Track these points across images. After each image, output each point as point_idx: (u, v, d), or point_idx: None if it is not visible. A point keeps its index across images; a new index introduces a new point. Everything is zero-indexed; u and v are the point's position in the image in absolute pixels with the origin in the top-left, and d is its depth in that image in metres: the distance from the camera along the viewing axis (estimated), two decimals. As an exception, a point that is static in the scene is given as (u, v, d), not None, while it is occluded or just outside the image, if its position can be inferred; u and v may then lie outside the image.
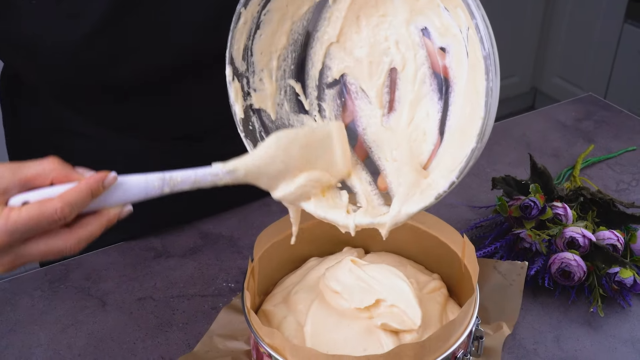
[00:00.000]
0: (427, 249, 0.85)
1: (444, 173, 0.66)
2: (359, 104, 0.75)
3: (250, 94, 0.71)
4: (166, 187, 0.61)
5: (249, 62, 0.70)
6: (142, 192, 0.60)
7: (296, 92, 0.74)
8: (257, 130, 0.72)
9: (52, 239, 0.56)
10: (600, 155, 1.15)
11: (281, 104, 0.73)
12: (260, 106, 0.72)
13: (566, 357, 0.79)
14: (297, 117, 0.75)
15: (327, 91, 0.75)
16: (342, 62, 0.74)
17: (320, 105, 0.75)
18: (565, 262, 0.84)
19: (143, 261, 0.95)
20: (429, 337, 0.65)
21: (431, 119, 0.71)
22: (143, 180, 0.60)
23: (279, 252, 0.84)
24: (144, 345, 0.81)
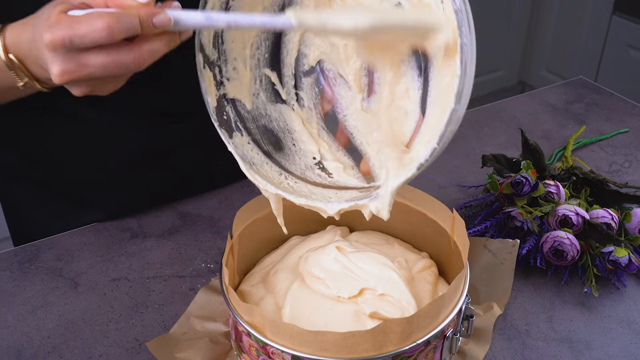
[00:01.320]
0: (415, 226, 0.81)
1: (424, 143, 0.62)
2: (337, 91, 0.71)
3: (224, 83, 0.66)
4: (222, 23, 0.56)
5: (220, 50, 0.66)
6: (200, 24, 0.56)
7: (272, 81, 0.70)
8: (232, 120, 0.67)
9: (113, 51, 0.55)
10: (592, 137, 1.12)
11: (257, 93, 0.70)
12: (234, 96, 0.68)
13: (560, 338, 0.76)
14: (275, 107, 0.71)
15: (304, 79, 0.71)
16: (317, 49, 0.70)
17: (298, 94, 0.71)
18: (558, 241, 0.81)
19: (118, 242, 0.90)
20: (416, 314, 0.61)
21: (412, 98, 0.68)
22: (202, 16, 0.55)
23: (260, 230, 0.80)
24: (118, 327, 0.77)
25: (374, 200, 0.61)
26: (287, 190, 0.65)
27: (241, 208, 0.75)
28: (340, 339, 0.60)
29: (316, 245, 0.79)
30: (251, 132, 0.68)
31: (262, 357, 0.66)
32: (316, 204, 0.64)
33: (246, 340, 0.67)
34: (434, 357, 0.67)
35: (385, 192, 0.60)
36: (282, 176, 0.67)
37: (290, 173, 0.68)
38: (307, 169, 0.70)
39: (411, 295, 0.70)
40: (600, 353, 0.74)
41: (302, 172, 0.69)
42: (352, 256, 0.75)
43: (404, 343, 0.62)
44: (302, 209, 0.83)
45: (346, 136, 0.71)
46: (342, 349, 0.61)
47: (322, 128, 0.71)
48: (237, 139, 0.66)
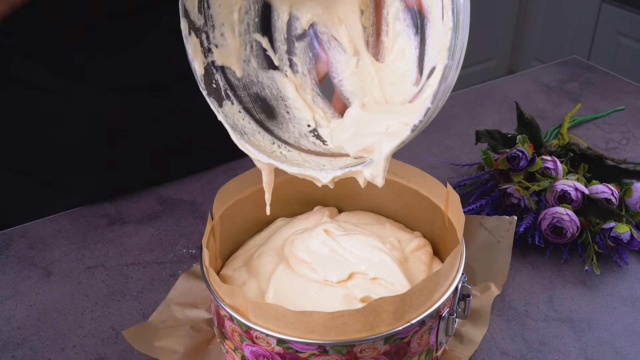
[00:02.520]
0: (407, 205, 0.77)
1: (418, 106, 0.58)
2: (332, 54, 0.67)
3: (212, 50, 0.62)
4: None
5: (207, 15, 0.61)
6: None
7: (264, 46, 0.66)
8: (222, 88, 0.63)
9: None
10: (588, 115, 1.09)
11: (247, 60, 0.65)
12: (223, 63, 0.63)
13: (561, 318, 0.72)
14: (267, 74, 0.67)
15: (297, 44, 0.67)
16: (310, 11, 0.66)
17: (291, 60, 0.67)
18: (557, 217, 0.77)
19: (95, 228, 0.86)
20: (409, 291, 0.57)
21: (408, 58, 0.64)
22: None
23: (243, 212, 0.76)
24: (93, 316, 0.73)
25: (368, 166, 0.57)
26: (279, 160, 0.61)
27: (222, 187, 0.71)
28: (329, 319, 0.56)
29: (303, 227, 0.75)
30: (242, 100, 0.64)
31: (245, 343, 0.61)
32: (309, 172, 0.60)
33: (229, 325, 0.62)
34: (429, 339, 0.63)
35: (379, 157, 0.56)
36: (275, 145, 0.63)
37: (284, 141, 0.63)
38: (301, 137, 0.65)
39: (405, 278, 0.66)
40: (603, 332, 0.70)
41: (296, 140, 0.65)
42: (341, 240, 0.70)
43: (397, 323, 0.58)
44: (288, 190, 0.79)
45: (342, 102, 0.67)
46: (330, 330, 0.56)
47: (317, 94, 0.67)
48: (227, 107, 0.62)
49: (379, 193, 0.78)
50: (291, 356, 0.59)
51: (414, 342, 0.61)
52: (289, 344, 0.58)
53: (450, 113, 1.10)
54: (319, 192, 0.80)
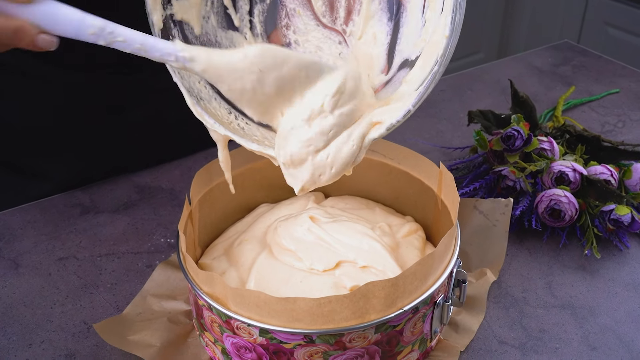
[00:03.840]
0: (397, 188, 0.73)
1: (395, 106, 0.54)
2: (296, 22, 0.63)
3: (171, 2, 0.58)
4: (101, 39, 0.49)
5: None
6: (71, 27, 0.48)
7: (225, 4, 0.61)
8: None
9: None
10: (582, 98, 1.05)
11: (207, 17, 0.61)
12: (182, 17, 0.59)
13: (561, 305, 0.68)
14: (226, 34, 0.62)
15: (259, 5, 0.63)
16: None
17: (251, 21, 0.63)
18: (555, 200, 0.73)
19: (67, 218, 0.81)
20: (402, 275, 0.53)
21: (379, 43, 0.60)
22: (77, 18, 0.48)
23: (224, 197, 0.71)
24: (63, 309, 0.68)
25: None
26: (237, 133, 0.56)
27: (201, 169, 0.67)
28: (315, 306, 0.51)
29: (287, 214, 0.71)
30: None
31: (226, 335, 0.57)
32: (269, 151, 0.55)
33: (207, 316, 0.58)
34: (423, 327, 0.59)
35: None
36: (232, 115, 0.59)
37: (241, 112, 0.59)
38: None
39: (397, 265, 0.62)
40: (606, 319, 0.66)
41: None
42: (328, 226, 0.66)
43: (388, 310, 0.54)
44: (270, 173, 0.74)
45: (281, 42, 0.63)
46: (317, 318, 0.52)
47: None
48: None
49: (368, 176, 0.74)
50: (275, 347, 0.55)
51: (406, 331, 0.57)
52: (272, 334, 0.54)
53: (440, 97, 1.06)
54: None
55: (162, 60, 0.51)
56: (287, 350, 0.54)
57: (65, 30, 0.48)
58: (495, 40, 2.99)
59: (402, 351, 0.58)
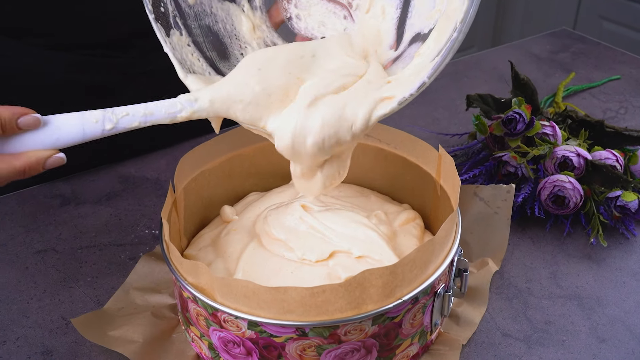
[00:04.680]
0: (394, 174, 0.69)
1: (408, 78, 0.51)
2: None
3: None
4: (108, 122, 0.48)
5: None
6: (76, 130, 0.47)
7: None
8: (171, 14, 0.55)
9: None
10: (583, 84, 1.02)
11: None
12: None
13: (567, 295, 0.65)
14: (222, 5, 0.58)
15: None
16: None
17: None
18: (559, 186, 0.70)
19: (47, 210, 0.77)
20: (400, 262, 0.49)
21: (388, 17, 0.57)
22: (78, 117, 0.47)
23: (210, 185, 0.67)
24: (41, 304, 0.64)
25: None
26: None
27: (185, 155, 0.63)
28: (308, 296, 0.48)
29: (277, 202, 0.67)
30: (192, 32, 0.56)
31: (212, 328, 0.53)
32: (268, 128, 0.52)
33: (193, 309, 0.54)
34: (423, 319, 0.55)
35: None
36: None
37: None
38: None
39: (394, 255, 0.58)
40: (615, 310, 0.63)
41: None
42: (321, 215, 0.62)
43: (386, 300, 0.50)
44: (260, 160, 0.71)
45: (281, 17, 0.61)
46: (310, 309, 0.48)
47: (278, 38, 0.59)
48: (176, 38, 0.54)
49: (362, 162, 0.70)
50: (265, 341, 0.51)
51: (405, 323, 0.53)
52: (262, 327, 0.50)
53: (435, 84, 1.02)
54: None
55: (170, 117, 0.50)
56: (277, 345, 0.51)
57: (71, 135, 0.47)
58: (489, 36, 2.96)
59: (401, 345, 0.54)
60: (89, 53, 0.77)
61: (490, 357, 0.58)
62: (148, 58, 0.78)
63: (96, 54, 0.77)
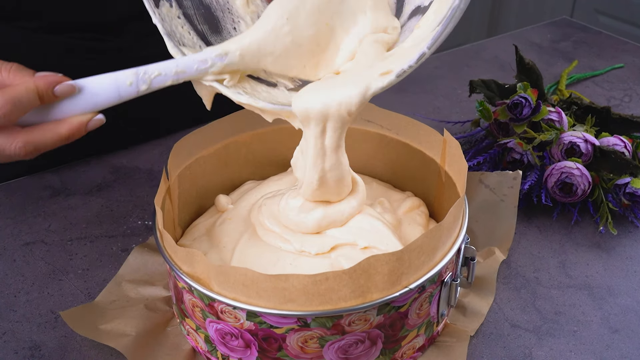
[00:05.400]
0: (396, 161, 0.67)
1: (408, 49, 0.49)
2: None
3: None
4: (142, 84, 0.48)
5: None
6: (112, 94, 0.49)
7: None
8: None
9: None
10: (586, 72, 1.00)
11: None
12: None
13: (576, 285, 0.62)
14: None
15: None
16: None
17: None
18: (566, 172, 0.68)
19: (35, 201, 0.74)
20: (407, 248, 0.47)
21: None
22: (112, 80, 0.48)
23: (206, 172, 0.65)
24: (28, 298, 0.61)
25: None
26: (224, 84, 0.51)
27: (179, 141, 0.60)
28: (310, 284, 0.45)
29: (274, 190, 0.64)
30: (183, 4, 0.53)
31: (209, 320, 0.50)
32: (260, 104, 0.49)
33: (188, 300, 0.51)
34: (430, 309, 0.53)
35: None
36: None
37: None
38: None
39: (401, 245, 0.56)
40: (627, 299, 0.60)
41: None
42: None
43: (392, 289, 0.48)
44: (257, 147, 0.68)
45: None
46: (312, 298, 0.46)
47: None
48: (165, 10, 0.52)
49: (363, 149, 0.68)
50: (264, 333, 0.48)
51: (412, 313, 0.50)
52: (261, 318, 0.47)
53: (435, 73, 1.01)
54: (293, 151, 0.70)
55: (202, 73, 0.49)
56: (278, 336, 0.48)
57: (108, 99, 0.48)
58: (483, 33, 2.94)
59: (407, 336, 0.52)
60: (78, 37, 0.74)
61: (499, 348, 0.56)
62: (143, 42, 0.75)
63: (86, 38, 0.74)
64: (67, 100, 0.48)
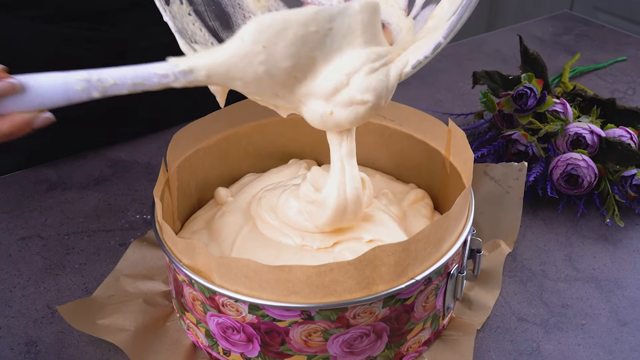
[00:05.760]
0: (399, 153, 0.66)
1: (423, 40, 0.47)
2: None
3: None
4: (95, 91, 0.44)
5: None
6: (60, 97, 0.44)
7: None
8: None
9: None
10: (588, 65, 0.99)
11: None
12: None
13: (583, 278, 0.61)
14: None
15: None
16: None
17: None
18: (572, 164, 0.67)
19: (31, 195, 0.72)
20: (413, 238, 0.45)
21: None
22: (60, 83, 0.44)
23: (205, 165, 0.64)
24: (24, 293, 0.60)
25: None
26: None
27: (178, 132, 0.59)
28: (314, 275, 0.44)
29: (275, 182, 0.63)
30: (193, 1, 0.52)
31: (210, 314, 0.49)
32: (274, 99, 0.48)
33: (189, 293, 0.50)
34: (436, 302, 0.51)
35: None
36: None
37: None
38: None
39: (407, 237, 0.54)
40: (635, 292, 0.59)
41: None
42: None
43: (398, 280, 0.47)
44: (257, 139, 0.67)
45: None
46: (316, 290, 0.45)
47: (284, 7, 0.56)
48: (176, 7, 0.50)
49: (365, 141, 0.66)
50: (267, 326, 0.47)
51: (418, 305, 0.49)
52: (264, 311, 0.46)
53: (437, 66, 0.99)
54: (295, 143, 0.68)
55: (163, 86, 0.45)
56: (281, 330, 0.47)
57: (55, 101, 0.44)
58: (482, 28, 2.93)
59: (413, 329, 0.51)
60: (76, 26, 0.72)
61: (506, 342, 0.55)
62: (143, 33, 0.74)
63: (83, 27, 0.73)
64: (11, 96, 0.44)
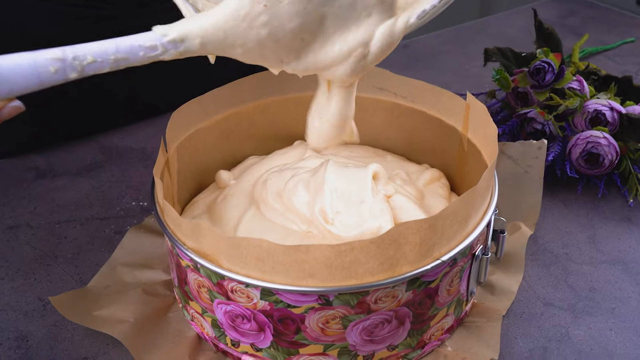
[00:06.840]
0: (411, 131, 0.62)
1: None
2: None
3: None
4: (71, 71, 0.38)
5: None
6: (31, 81, 0.37)
7: None
8: None
9: None
10: (597, 47, 0.96)
11: None
12: None
13: (609, 260, 0.58)
14: None
15: None
16: None
17: None
18: (593, 142, 0.63)
19: (19, 183, 0.68)
20: (440, 214, 0.42)
21: None
22: (27, 64, 0.37)
23: (207, 146, 0.60)
24: (13, 284, 0.55)
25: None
26: None
27: (177, 110, 0.54)
28: (334, 255, 0.40)
29: (280, 164, 0.59)
30: None
31: (217, 301, 0.45)
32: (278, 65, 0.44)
33: (194, 280, 0.46)
34: (460, 286, 0.48)
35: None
36: None
37: None
38: None
39: None
40: (665, 274, 0.56)
41: None
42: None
43: (423, 261, 0.43)
44: (260, 120, 0.63)
45: None
46: (335, 272, 0.41)
47: None
48: None
49: (375, 120, 0.63)
50: (281, 313, 0.43)
51: (442, 289, 0.46)
52: (277, 296, 0.42)
53: (440, 49, 0.96)
54: (300, 123, 0.64)
55: (151, 59, 0.39)
56: (296, 317, 0.43)
57: (25, 86, 0.37)
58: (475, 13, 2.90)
59: (436, 315, 0.47)
60: (69, 2, 0.68)
61: (534, 329, 0.51)
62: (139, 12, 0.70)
63: (78, 4, 0.68)
64: None
